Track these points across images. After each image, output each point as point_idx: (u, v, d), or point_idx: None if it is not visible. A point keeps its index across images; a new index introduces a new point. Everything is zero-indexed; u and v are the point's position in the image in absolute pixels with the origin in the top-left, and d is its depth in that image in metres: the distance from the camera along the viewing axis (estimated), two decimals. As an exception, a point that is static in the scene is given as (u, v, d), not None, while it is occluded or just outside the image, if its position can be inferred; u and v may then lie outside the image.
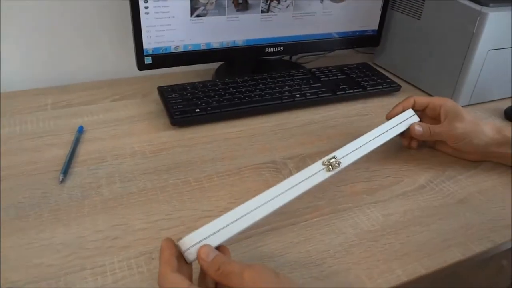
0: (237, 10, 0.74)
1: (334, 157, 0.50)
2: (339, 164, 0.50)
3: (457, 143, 0.60)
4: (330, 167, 0.49)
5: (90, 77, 0.83)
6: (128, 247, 0.46)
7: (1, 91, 0.76)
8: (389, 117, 0.62)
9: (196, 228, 0.39)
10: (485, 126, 0.60)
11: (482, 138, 0.59)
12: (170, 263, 0.36)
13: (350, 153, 0.52)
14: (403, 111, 0.62)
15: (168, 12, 0.69)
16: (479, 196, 0.57)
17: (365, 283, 0.43)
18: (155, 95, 0.75)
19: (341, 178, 0.58)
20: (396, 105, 0.63)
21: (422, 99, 0.63)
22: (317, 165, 0.49)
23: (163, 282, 0.35)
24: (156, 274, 0.42)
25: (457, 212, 0.53)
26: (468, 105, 0.80)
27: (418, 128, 0.61)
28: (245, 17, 0.75)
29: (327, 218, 0.51)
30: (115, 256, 0.45)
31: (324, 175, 0.48)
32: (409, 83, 0.88)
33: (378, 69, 0.91)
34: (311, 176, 0.47)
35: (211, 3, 0.71)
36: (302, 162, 0.61)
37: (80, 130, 0.65)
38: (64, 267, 0.43)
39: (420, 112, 0.63)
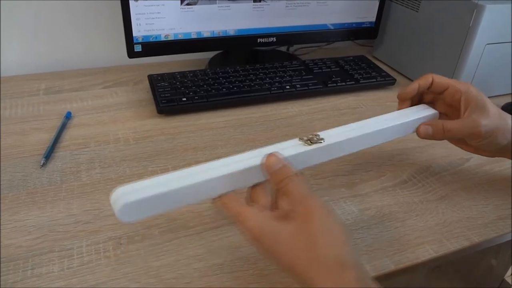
0: (229, -1, 0.73)
1: (315, 135, 0.44)
2: (321, 141, 0.43)
3: (478, 142, 0.50)
4: (309, 141, 0.43)
5: (86, 64, 0.84)
6: (97, 232, 0.46)
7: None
8: (400, 97, 0.53)
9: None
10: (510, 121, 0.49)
11: (508, 136, 0.49)
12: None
13: (336, 134, 0.45)
14: (418, 89, 0.52)
15: (158, -1, 0.69)
16: (461, 193, 0.55)
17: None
18: (146, 83, 0.75)
19: (321, 170, 0.57)
20: (412, 82, 0.53)
21: (441, 80, 0.51)
22: (293, 141, 0.43)
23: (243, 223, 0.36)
24: (122, 259, 0.43)
25: (435, 209, 0.52)
26: (465, 101, 0.78)
27: (425, 128, 0.50)
28: (236, 6, 0.74)
29: (302, 210, 0.51)
30: (84, 240, 0.45)
31: (301, 148, 0.42)
32: (406, 76, 0.86)
33: (376, 62, 0.89)
34: (284, 149, 0.41)
35: (202, -8, 0.71)
36: (284, 153, 0.60)
37: (68, 115, 0.66)
38: (33, 249, 0.44)
39: (437, 95, 0.53)
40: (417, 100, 0.54)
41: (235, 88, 0.72)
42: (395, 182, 0.57)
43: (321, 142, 0.43)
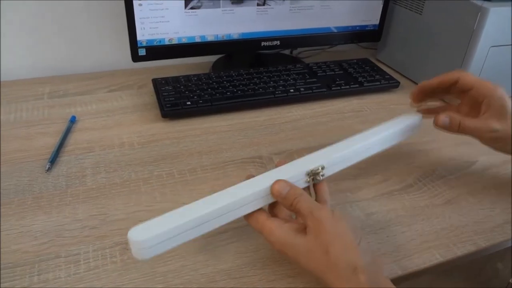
0: (232, 3, 0.73)
1: (322, 167, 0.45)
2: (321, 177, 0.46)
3: (489, 145, 0.52)
4: (312, 180, 0.45)
5: (90, 68, 0.84)
6: (104, 237, 0.46)
7: (3, 79, 0.77)
8: (421, 88, 0.54)
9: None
10: None
11: None
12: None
13: (337, 164, 0.48)
14: (438, 84, 0.53)
15: (162, 3, 0.69)
16: (468, 197, 0.55)
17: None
18: (151, 86, 0.75)
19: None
20: (435, 78, 0.53)
21: (468, 79, 0.51)
22: (302, 176, 0.45)
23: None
24: (129, 265, 0.43)
25: (442, 213, 0.52)
26: (469, 104, 0.78)
27: (444, 119, 0.51)
28: (240, 10, 0.74)
29: (307, 215, 0.51)
30: (90, 245, 0.45)
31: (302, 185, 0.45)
32: (410, 79, 0.86)
33: (380, 65, 0.89)
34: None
35: (206, -5, 0.71)
36: (289, 157, 0.60)
37: (73, 120, 0.66)
38: (40, 254, 0.44)
39: (460, 93, 0.53)
40: (439, 94, 0.55)
41: (239, 92, 0.72)
42: (400, 186, 0.57)
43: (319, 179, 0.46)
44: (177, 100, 0.68)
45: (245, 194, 0.41)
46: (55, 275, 0.42)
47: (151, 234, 0.36)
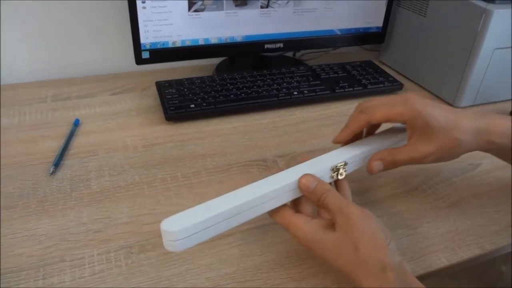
0: (236, 5, 0.73)
1: (345, 163, 0.45)
2: (344, 173, 0.45)
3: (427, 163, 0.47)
4: (336, 175, 0.45)
5: (93, 71, 0.84)
6: (108, 241, 0.46)
7: (7, 83, 0.77)
8: (336, 142, 0.50)
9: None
10: (463, 136, 0.44)
11: (459, 152, 0.46)
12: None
13: (358, 161, 0.47)
14: (353, 136, 0.48)
15: (166, 6, 0.69)
16: (472, 200, 0.55)
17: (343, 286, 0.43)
18: (154, 89, 0.75)
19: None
20: (344, 127, 0.49)
21: (377, 116, 0.45)
22: (327, 171, 0.44)
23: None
24: (134, 269, 0.43)
25: (447, 216, 0.52)
26: (473, 106, 0.78)
27: (377, 165, 0.47)
28: (244, 13, 0.74)
29: (312, 218, 0.51)
30: (95, 249, 0.45)
31: (327, 181, 0.44)
32: (413, 81, 0.86)
33: (383, 67, 0.89)
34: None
35: (209, -2, 0.71)
36: (293, 160, 0.60)
37: (76, 123, 0.66)
38: (44, 258, 0.44)
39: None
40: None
41: (243, 95, 0.72)
42: (405, 189, 0.56)
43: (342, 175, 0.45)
44: (181, 103, 0.68)
45: (274, 187, 0.40)
46: (59, 279, 0.42)
47: (185, 225, 0.36)
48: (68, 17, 0.79)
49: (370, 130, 0.51)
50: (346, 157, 0.46)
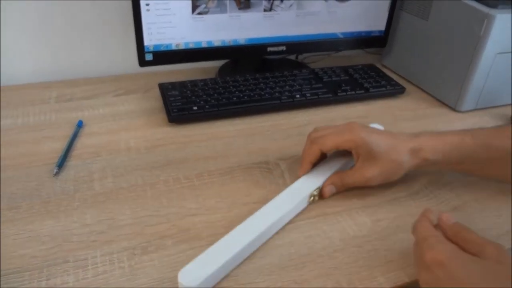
0: (239, 8, 0.74)
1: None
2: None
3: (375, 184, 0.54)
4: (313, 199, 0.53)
5: (97, 72, 0.84)
6: (111, 242, 0.46)
7: (11, 84, 0.78)
8: (302, 175, 0.55)
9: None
10: (401, 157, 0.51)
11: (401, 171, 0.53)
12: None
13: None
14: (311, 166, 0.54)
15: (169, 9, 0.69)
16: (474, 204, 0.55)
17: (344, 289, 0.43)
18: (157, 91, 0.76)
19: (333, 181, 0.57)
20: (302, 161, 0.55)
21: (327, 146, 0.52)
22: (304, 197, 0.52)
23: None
24: (137, 270, 0.43)
25: (448, 220, 0.52)
26: (475, 110, 0.78)
27: (329, 189, 0.53)
28: (247, 16, 0.75)
29: (314, 222, 0.51)
30: (98, 250, 0.45)
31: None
32: (415, 85, 0.86)
33: (386, 70, 0.89)
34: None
35: (213, 1, 0.71)
36: (295, 163, 0.60)
37: (80, 124, 0.66)
38: (48, 259, 0.44)
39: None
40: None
41: (246, 97, 0.72)
42: (407, 193, 0.57)
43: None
44: (184, 105, 0.69)
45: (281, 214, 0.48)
46: (63, 280, 0.42)
47: (203, 276, 0.40)
48: (72, 18, 0.79)
49: (322, 156, 0.56)
50: (319, 182, 0.53)
